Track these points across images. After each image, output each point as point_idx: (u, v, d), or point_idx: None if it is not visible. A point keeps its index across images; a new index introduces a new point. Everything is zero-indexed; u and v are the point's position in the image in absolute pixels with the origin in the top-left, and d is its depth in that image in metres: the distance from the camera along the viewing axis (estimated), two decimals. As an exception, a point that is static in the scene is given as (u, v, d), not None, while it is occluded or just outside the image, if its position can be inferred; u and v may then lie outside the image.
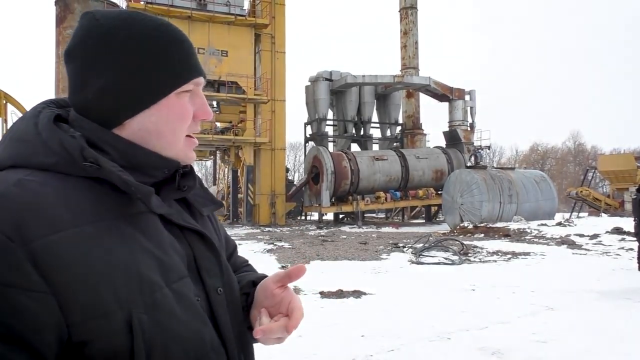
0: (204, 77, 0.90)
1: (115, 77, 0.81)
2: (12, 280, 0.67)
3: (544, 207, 25.46)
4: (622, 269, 10.71)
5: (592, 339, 5.45)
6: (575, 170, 73.33)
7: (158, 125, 0.84)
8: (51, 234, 0.70)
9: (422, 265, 11.79)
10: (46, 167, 0.77)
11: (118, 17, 0.84)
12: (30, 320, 0.68)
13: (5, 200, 0.71)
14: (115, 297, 0.73)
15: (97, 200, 0.78)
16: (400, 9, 37.59)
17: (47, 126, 0.80)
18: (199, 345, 0.81)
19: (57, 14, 29.26)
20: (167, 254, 0.82)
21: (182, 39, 0.88)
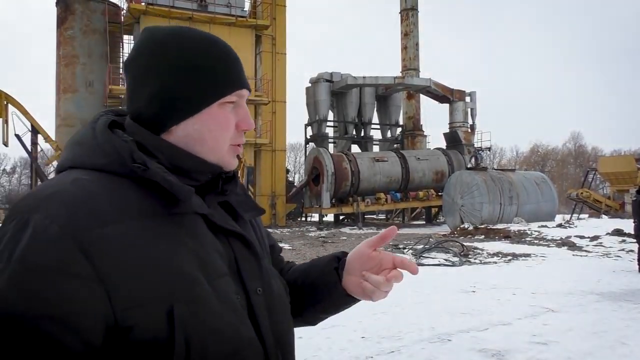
0: (248, 90, 0.96)
1: (163, 86, 0.89)
2: (64, 268, 0.73)
3: (545, 208, 25.46)
4: (622, 271, 10.71)
5: (593, 340, 5.45)
6: (575, 172, 73.31)
7: (201, 133, 0.91)
8: (100, 227, 0.77)
9: (423, 267, 11.78)
10: (100, 168, 0.85)
11: (170, 32, 0.92)
12: (79, 305, 0.73)
13: (61, 196, 0.78)
14: (157, 289, 0.78)
15: (144, 199, 0.84)
16: (400, 10, 37.61)
17: (102, 131, 0.88)
18: (235, 340, 0.85)
19: (58, 14, 29.28)
20: (208, 253, 0.87)
21: (227, 53, 0.94)
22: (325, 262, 1.14)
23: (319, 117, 32.39)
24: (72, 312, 0.72)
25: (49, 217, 0.75)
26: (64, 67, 28.61)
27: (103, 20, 28.57)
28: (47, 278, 0.72)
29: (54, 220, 0.75)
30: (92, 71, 28.34)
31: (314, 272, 1.15)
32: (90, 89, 28.32)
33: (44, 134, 26.30)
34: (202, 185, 0.94)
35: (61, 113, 28.65)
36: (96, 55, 28.49)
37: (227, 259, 0.91)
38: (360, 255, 1.07)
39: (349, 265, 1.09)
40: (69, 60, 28.46)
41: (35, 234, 0.74)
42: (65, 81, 28.51)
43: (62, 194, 0.79)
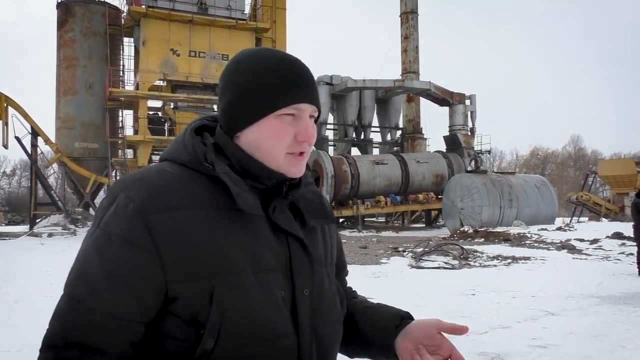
0: (313, 105, 1.05)
1: (232, 97, 1.03)
2: (132, 239, 0.92)
3: (544, 211, 25.45)
4: (622, 274, 10.70)
5: (593, 344, 5.44)
6: (575, 175, 73.29)
7: (258, 141, 1.02)
8: (167, 211, 0.94)
9: (422, 270, 11.77)
10: (183, 163, 1.02)
11: (250, 53, 1.07)
12: (138, 269, 0.92)
13: (143, 182, 0.97)
14: (204, 269, 0.92)
15: (212, 193, 0.99)
16: (400, 13, 37.64)
17: (189, 133, 1.06)
18: (269, 330, 0.95)
19: (59, 17, 29.33)
20: (261, 248, 0.99)
21: (288, 70, 1.03)
22: (389, 315, 1.21)
23: (318, 119, 32.39)
24: (128, 273, 0.91)
25: (129, 197, 0.94)
26: (64, 69, 28.64)
27: (103, 23, 28.62)
28: (116, 244, 0.92)
29: (132, 201, 0.94)
30: (92, 73, 28.37)
31: (376, 319, 1.21)
32: (90, 91, 28.35)
33: (43, 136, 26.32)
34: (271, 189, 1.05)
35: (61, 115, 28.67)
36: (96, 58, 28.53)
37: (280, 257, 1.01)
38: (425, 329, 1.13)
39: (410, 329, 1.15)
40: (69, 63, 28.50)
41: (117, 209, 0.94)
42: (66, 83, 28.53)
43: (145, 181, 0.97)
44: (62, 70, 28.74)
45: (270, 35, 30.04)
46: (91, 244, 0.95)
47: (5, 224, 41.62)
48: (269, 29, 29.41)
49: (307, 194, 1.12)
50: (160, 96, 27.61)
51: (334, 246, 1.21)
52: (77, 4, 29.02)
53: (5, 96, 25.02)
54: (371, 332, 1.20)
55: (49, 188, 28.21)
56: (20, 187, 66.10)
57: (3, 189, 68.34)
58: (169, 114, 28.34)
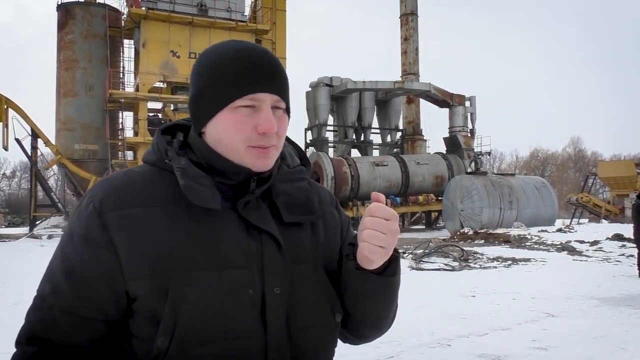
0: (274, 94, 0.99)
1: (193, 92, 1.03)
2: (89, 237, 0.93)
3: (544, 213, 25.45)
4: (622, 276, 10.69)
5: (593, 346, 5.43)
6: (575, 177, 73.30)
7: (218, 135, 1.00)
8: (124, 208, 0.94)
9: (422, 271, 11.77)
10: (152, 163, 1.04)
11: (215, 45, 1.05)
12: (96, 267, 0.93)
13: (107, 182, 0.99)
14: (159, 266, 0.91)
15: (174, 190, 0.97)
16: (400, 15, 37.67)
17: (157, 133, 1.08)
18: (230, 329, 0.93)
19: (59, 19, 29.32)
20: (225, 245, 0.96)
21: (244, 60, 0.99)
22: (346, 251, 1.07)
23: (318, 121, 32.40)
24: (89, 272, 0.93)
25: (91, 197, 0.97)
26: (64, 71, 28.63)
27: (103, 25, 28.61)
28: (76, 243, 0.94)
29: (92, 200, 0.96)
30: (92, 75, 28.36)
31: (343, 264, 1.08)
32: (90, 93, 28.33)
33: (43, 138, 26.33)
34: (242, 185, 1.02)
35: (61, 117, 28.65)
36: (96, 60, 28.52)
37: (249, 254, 0.98)
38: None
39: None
40: (69, 64, 28.49)
41: (81, 209, 0.97)
42: (66, 85, 28.51)
43: (109, 180, 1.00)
44: (62, 72, 28.73)
45: (270, 37, 30.07)
46: (59, 244, 0.99)
47: (5, 225, 41.63)
48: (268, 30, 29.44)
49: (293, 189, 1.07)
50: (160, 98, 27.61)
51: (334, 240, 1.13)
52: (77, 5, 29.02)
53: (5, 98, 25.03)
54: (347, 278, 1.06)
55: (49, 190, 28.21)
56: (20, 189, 66.10)
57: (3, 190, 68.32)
58: (169, 116, 28.33)
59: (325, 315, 1.04)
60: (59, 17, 29.37)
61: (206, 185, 0.97)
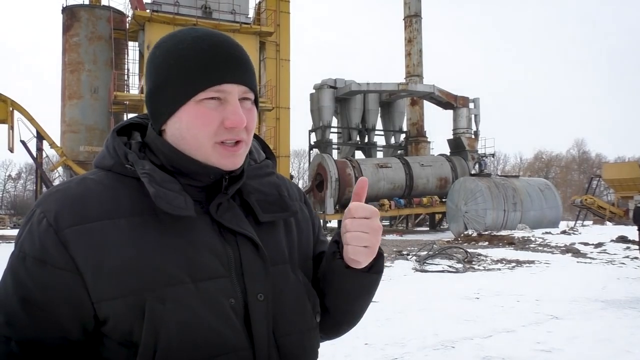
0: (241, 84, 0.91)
1: (150, 87, 0.93)
2: (46, 258, 0.82)
3: (549, 215, 25.38)
4: (627, 278, 10.66)
5: (597, 348, 5.42)
6: (579, 179, 73.03)
7: (181, 131, 0.91)
8: (84, 223, 0.83)
9: (426, 273, 11.76)
10: (108, 168, 0.92)
11: (169, 35, 0.95)
12: (56, 292, 0.82)
13: (60, 194, 0.87)
14: (132, 283, 0.82)
15: (138, 198, 0.88)
16: (404, 17, 37.69)
17: (111, 135, 0.96)
18: (215, 344, 0.84)
19: (64, 21, 29.47)
20: (199, 254, 0.88)
21: (207, 48, 0.90)
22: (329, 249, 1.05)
23: (322, 123, 32.44)
24: (49, 298, 0.82)
25: (43, 212, 0.84)
26: (69, 73, 28.77)
27: (108, 27, 28.74)
28: (30, 266, 0.82)
29: (45, 215, 0.84)
30: (97, 78, 28.50)
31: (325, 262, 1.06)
32: (95, 96, 28.47)
33: (49, 140, 26.44)
34: (213, 186, 0.94)
35: (66, 119, 28.79)
36: (101, 62, 28.65)
37: (226, 261, 0.89)
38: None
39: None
40: (74, 67, 28.64)
41: (31, 226, 0.84)
42: (71, 87, 28.65)
43: (62, 192, 0.87)
44: (67, 75, 28.88)
45: (274, 39, 30.10)
46: (8, 266, 0.85)
47: (11, 227, 41.79)
48: (272, 32, 29.48)
49: (262, 186, 1.01)
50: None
51: (307, 239, 1.08)
52: (82, 8, 29.19)
53: (11, 100, 25.16)
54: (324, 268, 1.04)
55: (54, 191, 28.27)
56: (26, 191, 66.35)
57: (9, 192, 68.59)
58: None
59: (308, 317, 0.98)
60: (64, 19, 29.52)
61: (176, 190, 0.88)
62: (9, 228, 40.40)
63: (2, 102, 24.92)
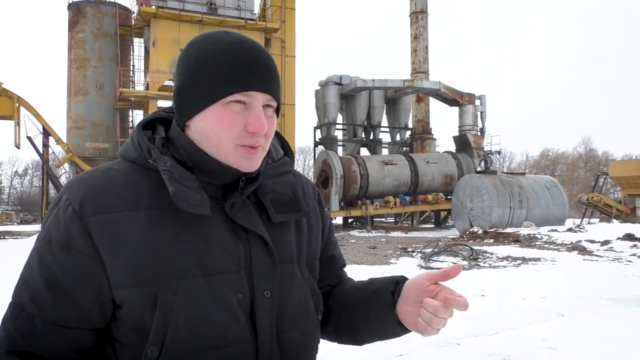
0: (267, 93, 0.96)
1: (179, 84, 0.97)
2: (71, 243, 0.87)
3: (555, 212, 25.27)
4: (634, 276, 10.60)
5: (604, 346, 5.39)
6: (586, 176, 72.74)
7: (205, 130, 0.95)
8: (107, 212, 0.88)
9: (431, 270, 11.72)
10: (132, 160, 0.97)
11: (203, 36, 0.99)
12: (78, 275, 0.87)
13: (85, 182, 0.92)
14: (147, 273, 0.87)
15: (158, 192, 0.93)
16: (410, 13, 37.55)
17: (137, 128, 1.01)
18: (218, 336, 0.90)
19: (70, 18, 29.55)
20: (211, 249, 0.93)
21: (240, 55, 0.94)
22: (382, 283, 1.11)
23: (328, 120, 32.40)
24: (71, 280, 0.87)
25: (69, 199, 0.90)
26: (75, 69, 28.85)
27: (114, 24, 28.79)
28: (55, 250, 0.88)
29: (71, 202, 0.89)
30: (102, 74, 28.57)
31: (371, 290, 1.12)
32: (100, 92, 28.55)
33: (55, 136, 26.54)
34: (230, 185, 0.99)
35: (72, 115, 28.89)
36: (107, 58, 28.72)
37: (236, 257, 0.94)
38: (418, 285, 1.03)
39: (405, 294, 1.05)
40: (80, 63, 28.72)
41: (58, 211, 0.90)
42: (77, 84, 28.74)
43: (87, 180, 0.93)
44: (73, 71, 28.97)
45: (279, 36, 30.08)
46: (35, 249, 0.91)
47: (18, 223, 42.04)
48: (278, 29, 29.46)
49: (278, 185, 1.05)
50: (170, 96, 27.66)
51: (316, 239, 1.13)
52: (87, 5, 29.23)
53: (17, 96, 25.25)
54: (370, 305, 1.10)
55: (60, 188, 28.39)
56: (32, 187, 66.72)
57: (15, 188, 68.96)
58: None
59: (311, 315, 1.04)
60: (69, 16, 29.60)
61: (194, 188, 0.93)
62: (16, 224, 40.63)
63: (9, 99, 25.00)
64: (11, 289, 0.94)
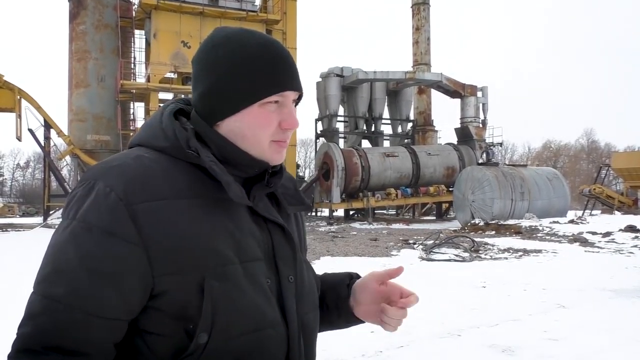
0: (297, 91, 1.01)
1: (209, 85, 0.98)
2: (115, 230, 0.85)
3: (556, 204, 25.25)
4: (635, 267, 10.60)
5: (605, 337, 5.40)
6: (588, 168, 72.64)
7: (242, 130, 0.98)
8: (152, 200, 0.88)
9: (433, 262, 11.75)
10: (161, 149, 0.97)
11: (229, 33, 1.00)
12: (123, 264, 0.85)
13: (122, 169, 0.90)
14: (192, 261, 0.88)
15: (195, 182, 0.94)
16: (412, 4, 37.37)
17: (167, 117, 1.00)
18: (259, 319, 0.93)
19: (71, 10, 29.44)
20: (245, 237, 0.96)
21: (273, 56, 0.99)
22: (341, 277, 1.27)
23: (329, 112, 32.33)
24: (113, 268, 0.85)
25: (109, 186, 0.87)
26: (76, 62, 28.79)
27: (115, 16, 28.67)
28: (99, 237, 0.85)
29: (113, 189, 0.87)
30: (103, 66, 28.49)
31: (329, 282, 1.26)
32: (102, 84, 28.48)
33: (56, 128, 26.53)
34: (251, 177, 1.04)
35: (73, 108, 28.85)
36: (108, 51, 28.63)
37: (263, 246, 1.00)
38: (367, 288, 1.21)
39: (358, 295, 1.23)
40: (81, 55, 28.64)
41: (96, 199, 0.87)
42: (78, 76, 28.68)
43: (124, 167, 0.91)
44: (74, 63, 28.89)
45: (280, 27, 29.97)
46: (67, 237, 0.87)
47: (20, 215, 42.16)
48: (279, 20, 29.34)
49: (284, 180, 1.11)
50: (171, 88, 27.66)
51: (305, 232, 1.22)
52: (88, -4, 29.11)
53: (18, 89, 25.22)
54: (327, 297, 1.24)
55: (62, 180, 28.42)
56: (34, 179, 66.83)
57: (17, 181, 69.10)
58: (180, 107, 28.39)
59: (317, 298, 1.13)
60: (70, 8, 29.49)
61: (233, 180, 0.96)
62: (18, 216, 40.74)
63: (10, 91, 24.98)
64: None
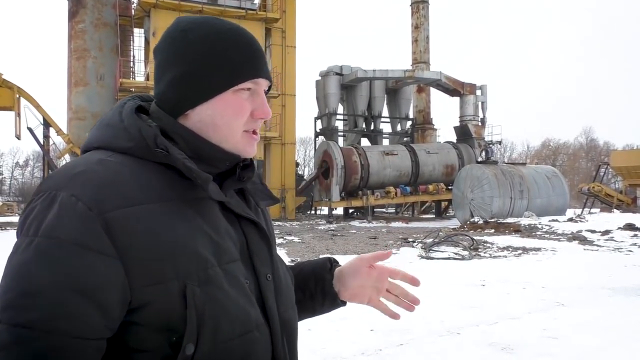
0: (268, 80, 0.98)
1: (180, 71, 0.92)
2: (88, 243, 0.77)
3: (555, 202, 25.29)
4: (634, 265, 10.62)
5: (604, 335, 5.41)
6: (587, 166, 72.66)
7: (214, 119, 0.92)
8: (123, 207, 0.80)
9: (432, 260, 11.77)
10: (125, 151, 0.88)
11: (194, 21, 0.95)
12: (99, 278, 0.77)
13: (87, 175, 0.82)
14: (172, 268, 0.82)
15: (165, 183, 0.87)
16: (411, 3, 37.35)
17: (129, 115, 0.92)
18: (245, 322, 0.88)
19: (70, 8, 29.38)
20: (222, 238, 0.90)
21: (246, 42, 0.95)
22: (320, 262, 1.24)
23: (328, 110, 32.34)
24: (92, 285, 0.77)
25: (75, 195, 0.79)
26: (75, 60, 28.74)
27: (114, 14, 28.62)
28: (71, 252, 0.76)
29: (79, 199, 0.78)
30: (103, 64, 28.45)
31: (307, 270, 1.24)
32: (101, 83, 28.44)
33: (55, 127, 26.51)
34: (221, 172, 0.97)
35: (73, 106, 28.81)
36: (107, 49, 28.59)
37: (239, 245, 0.94)
38: (357, 272, 1.22)
39: (344, 279, 1.22)
40: (80, 54, 28.59)
41: (61, 210, 0.78)
42: (77, 74, 28.63)
43: (89, 174, 0.82)
44: (73, 62, 28.85)
45: (280, 26, 29.94)
46: (32, 256, 0.76)
47: (19, 214, 42.12)
48: (278, 19, 29.31)
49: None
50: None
51: (272, 225, 1.15)
52: (87, -6, 29.07)
53: (18, 87, 25.19)
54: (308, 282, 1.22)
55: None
56: (33, 178, 66.78)
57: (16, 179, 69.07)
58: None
59: (293, 293, 1.09)
60: (69, 6, 29.43)
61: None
62: (17, 215, 40.73)
63: (9, 89, 24.95)
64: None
